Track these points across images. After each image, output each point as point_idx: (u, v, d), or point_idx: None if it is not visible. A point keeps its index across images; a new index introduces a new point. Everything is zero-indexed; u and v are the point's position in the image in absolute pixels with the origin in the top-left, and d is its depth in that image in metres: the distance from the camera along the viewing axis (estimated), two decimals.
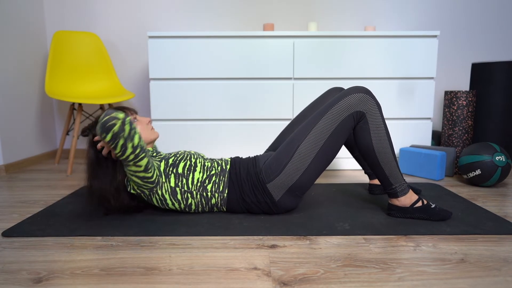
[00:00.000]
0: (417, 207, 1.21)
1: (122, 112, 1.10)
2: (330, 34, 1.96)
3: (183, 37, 1.97)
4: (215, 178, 1.25)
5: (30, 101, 2.29)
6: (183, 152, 1.31)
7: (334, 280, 0.85)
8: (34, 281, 0.85)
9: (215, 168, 1.27)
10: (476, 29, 2.54)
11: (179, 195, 1.23)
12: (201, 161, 1.28)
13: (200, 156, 1.33)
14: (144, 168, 1.14)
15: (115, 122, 1.05)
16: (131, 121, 1.10)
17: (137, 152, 1.10)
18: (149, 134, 1.31)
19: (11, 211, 1.36)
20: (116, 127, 1.05)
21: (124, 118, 1.08)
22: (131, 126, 1.09)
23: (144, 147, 1.13)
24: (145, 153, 1.13)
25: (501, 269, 0.89)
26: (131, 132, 1.08)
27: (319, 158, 1.19)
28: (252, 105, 2.02)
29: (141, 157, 1.11)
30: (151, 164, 1.16)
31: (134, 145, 1.09)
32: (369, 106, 1.17)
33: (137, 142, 1.10)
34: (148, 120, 1.33)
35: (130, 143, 1.08)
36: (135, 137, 1.09)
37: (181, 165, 1.24)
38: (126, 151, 1.08)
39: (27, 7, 2.27)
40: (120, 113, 1.08)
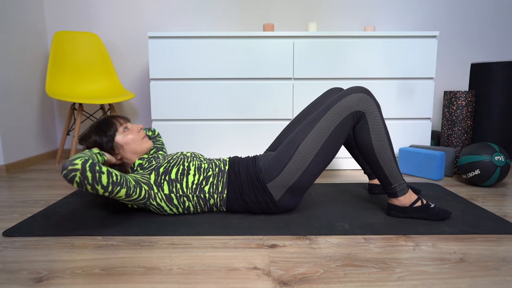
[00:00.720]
0: (416, 207, 1.21)
1: (82, 157, 1.03)
2: (330, 34, 1.97)
3: (183, 37, 1.97)
4: (212, 179, 1.25)
5: (30, 101, 2.29)
6: (177, 156, 1.29)
7: (334, 280, 0.85)
8: (34, 280, 0.86)
9: (212, 169, 1.26)
10: (475, 30, 2.54)
11: (175, 200, 1.23)
12: (196, 163, 1.27)
13: (197, 157, 1.32)
14: (125, 196, 1.11)
15: (74, 173, 1.00)
16: (92, 164, 1.03)
17: (110, 190, 1.06)
18: (140, 143, 1.29)
19: (11, 211, 1.37)
20: (77, 177, 1.00)
21: (84, 165, 1.01)
22: (93, 171, 1.02)
23: (118, 181, 1.07)
24: (121, 186, 1.08)
25: (500, 269, 0.90)
26: (96, 176, 1.02)
27: (319, 157, 1.19)
28: (252, 105, 2.02)
29: (116, 191, 1.07)
30: (134, 188, 1.13)
31: (104, 186, 1.04)
32: (368, 106, 1.17)
33: (106, 182, 1.04)
34: (139, 128, 1.31)
35: (98, 186, 1.03)
36: (102, 178, 1.04)
37: (173, 171, 1.23)
38: (98, 192, 1.05)
39: (28, 8, 2.27)
40: (79, 159, 1.02)
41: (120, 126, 1.28)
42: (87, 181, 1.01)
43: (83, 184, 1.02)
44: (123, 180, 1.10)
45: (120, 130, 1.27)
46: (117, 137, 1.25)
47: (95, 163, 1.04)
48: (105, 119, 1.28)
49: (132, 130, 1.29)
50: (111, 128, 1.25)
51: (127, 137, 1.27)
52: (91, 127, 1.26)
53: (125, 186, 1.10)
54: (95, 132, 1.24)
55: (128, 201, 1.15)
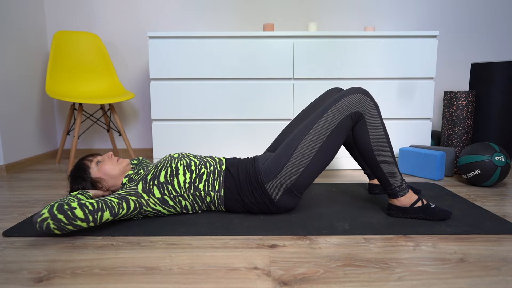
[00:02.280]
0: (417, 207, 1.21)
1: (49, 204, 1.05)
2: (330, 34, 1.97)
3: (183, 37, 1.97)
4: (206, 177, 1.25)
5: (30, 101, 2.29)
6: (164, 159, 1.30)
7: (334, 280, 0.85)
8: (35, 280, 0.86)
9: (205, 167, 1.27)
10: (475, 30, 2.54)
11: (170, 201, 1.23)
12: (184, 162, 1.27)
13: (185, 156, 1.32)
14: (112, 216, 1.11)
15: (46, 222, 1.00)
16: (59, 206, 1.02)
17: (92, 219, 1.05)
18: (117, 166, 1.30)
19: (11, 211, 1.37)
20: (51, 225, 1.00)
21: (51, 211, 1.01)
22: (63, 211, 1.01)
23: (96, 207, 1.07)
24: (101, 211, 1.07)
25: (501, 269, 0.90)
26: (69, 215, 1.02)
27: (318, 158, 1.19)
28: (252, 105, 2.02)
29: (99, 217, 1.07)
30: (118, 206, 1.12)
31: (83, 219, 1.04)
32: (367, 107, 1.18)
33: (83, 215, 1.04)
34: (109, 155, 1.31)
35: (77, 221, 1.03)
36: (77, 213, 1.03)
37: (162, 174, 1.23)
38: (82, 227, 1.05)
39: (28, 8, 2.27)
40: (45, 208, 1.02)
41: (91, 163, 1.29)
42: (63, 223, 1.01)
43: (62, 227, 1.02)
44: (101, 204, 1.09)
45: (93, 166, 1.28)
46: (92, 175, 1.27)
47: (62, 204, 1.03)
48: (76, 165, 1.30)
49: (103, 160, 1.30)
50: (84, 171, 1.27)
51: (102, 168, 1.27)
52: (68, 178, 1.29)
53: (107, 209, 1.09)
54: (73, 181, 1.26)
55: (120, 218, 1.16)
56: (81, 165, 1.29)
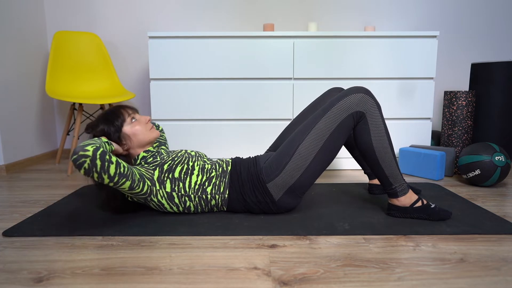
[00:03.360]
0: (416, 207, 1.21)
1: (94, 144, 1.04)
2: (330, 34, 1.97)
3: (183, 37, 1.97)
4: (215, 180, 1.25)
5: (30, 101, 2.29)
6: (182, 153, 1.30)
7: (334, 280, 0.85)
8: (34, 280, 0.86)
9: (215, 170, 1.27)
10: (475, 30, 2.54)
11: (176, 199, 1.23)
12: (200, 164, 1.27)
13: (201, 156, 1.33)
14: (128, 189, 1.11)
15: (84, 159, 1.00)
16: (103, 153, 1.03)
17: (116, 181, 1.06)
18: (148, 134, 1.29)
19: (11, 211, 1.37)
20: (86, 164, 1.00)
21: (95, 153, 1.01)
22: (103, 159, 1.02)
23: (125, 172, 1.08)
24: (126, 178, 1.08)
25: (501, 269, 0.90)
26: (105, 165, 1.03)
27: (319, 157, 1.19)
28: (252, 105, 2.02)
29: (121, 182, 1.08)
30: (138, 182, 1.13)
31: (111, 176, 1.04)
32: (368, 106, 1.17)
33: (113, 173, 1.04)
34: (147, 119, 1.31)
35: (105, 175, 1.03)
36: (111, 168, 1.04)
37: (177, 169, 1.23)
38: (104, 181, 1.05)
39: (28, 8, 2.27)
40: (91, 145, 1.02)
41: (128, 116, 1.27)
42: (95, 169, 1.01)
43: (91, 172, 1.02)
44: (130, 172, 1.10)
45: (128, 120, 1.26)
46: (124, 127, 1.25)
47: (105, 152, 1.04)
48: (113, 109, 1.28)
49: (139, 121, 1.28)
50: (119, 118, 1.25)
51: (134, 127, 1.26)
52: (99, 117, 1.27)
53: (130, 179, 1.10)
54: (103, 121, 1.24)
55: (130, 193, 1.15)
56: (119, 112, 1.26)
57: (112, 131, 1.23)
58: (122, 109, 1.29)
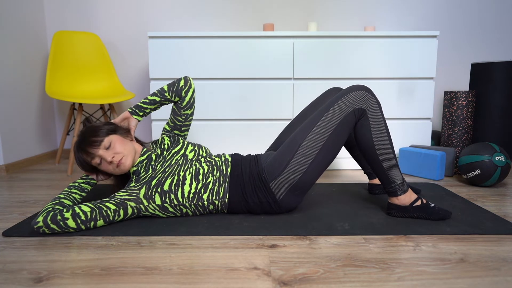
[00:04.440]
0: (416, 206, 1.21)
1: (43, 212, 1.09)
2: (330, 34, 1.96)
3: (183, 37, 1.97)
4: (212, 186, 1.23)
5: (30, 101, 2.29)
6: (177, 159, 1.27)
7: (334, 280, 0.85)
8: (34, 280, 0.86)
9: (212, 175, 1.24)
10: (475, 29, 2.54)
11: (170, 209, 1.22)
12: (193, 171, 1.23)
13: (199, 157, 1.31)
14: (107, 223, 1.16)
15: (42, 229, 1.08)
16: (53, 216, 1.08)
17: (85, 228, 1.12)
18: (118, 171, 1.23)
19: (11, 211, 1.37)
20: (47, 231, 1.08)
21: (45, 220, 1.07)
22: (56, 222, 1.07)
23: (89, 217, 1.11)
24: (94, 220, 1.12)
25: (501, 269, 0.90)
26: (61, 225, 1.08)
27: (322, 155, 1.19)
28: (252, 105, 2.02)
29: (93, 225, 1.13)
30: (114, 213, 1.15)
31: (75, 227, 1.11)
32: (370, 103, 1.18)
33: (75, 225, 1.10)
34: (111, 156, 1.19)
35: (70, 229, 1.10)
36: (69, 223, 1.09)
37: (167, 182, 1.20)
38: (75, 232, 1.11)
39: (28, 8, 2.27)
40: (41, 215, 1.08)
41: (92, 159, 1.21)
42: (56, 231, 1.09)
43: (55, 232, 1.10)
44: (95, 213, 1.12)
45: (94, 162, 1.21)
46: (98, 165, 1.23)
47: (56, 214, 1.08)
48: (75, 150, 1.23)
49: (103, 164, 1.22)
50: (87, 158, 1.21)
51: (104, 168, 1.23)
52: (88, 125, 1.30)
53: (100, 217, 1.13)
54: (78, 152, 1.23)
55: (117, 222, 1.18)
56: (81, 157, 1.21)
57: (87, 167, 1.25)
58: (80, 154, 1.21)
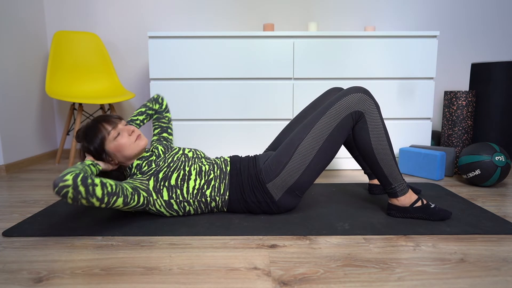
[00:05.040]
0: (416, 207, 1.21)
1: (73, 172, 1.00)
2: (330, 34, 1.96)
3: (183, 37, 1.97)
4: (214, 182, 1.24)
5: (30, 101, 2.29)
6: (179, 156, 1.28)
7: (334, 280, 0.85)
8: (34, 280, 0.86)
9: (213, 172, 1.25)
10: (475, 29, 2.54)
11: (175, 205, 1.22)
12: (197, 167, 1.24)
13: (198, 157, 1.32)
14: (123, 205, 1.09)
15: (66, 190, 0.97)
16: (84, 178, 0.99)
17: (106, 201, 1.04)
18: (133, 147, 1.22)
19: (11, 211, 1.37)
20: (70, 193, 0.97)
21: (75, 180, 0.98)
22: (86, 185, 0.99)
23: (113, 191, 1.05)
24: (117, 195, 1.06)
25: (501, 269, 0.90)
26: (89, 189, 0.99)
27: (319, 157, 1.19)
28: (252, 105, 2.02)
29: (113, 201, 1.05)
30: (131, 196, 1.11)
31: (99, 198, 1.02)
32: (367, 106, 1.17)
33: (101, 194, 1.02)
34: (130, 131, 1.23)
35: (93, 199, 1.01)
36: (96, 191, 1.01)
37: (174, 176, 1.20)
38: (94, 205, 1.03)
39: (27, 8, 2.27)
40: (70, 174, 0.99)
41: (108, 133, 1.19)
42: (81, 196, 0.99)
43: (77, 199, 0.99)
44: (119, 189, 1.07)
45: (110, 137, 1.19)
46: (107, 145, 1.19)
47: (86, 177, 1.01)
48: (92, 126, 1.20)
49: (122, 135, 1.20)
50: (98, 136, 1.19)
51: (118, 143, 1.19)
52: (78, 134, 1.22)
53: (122, 195, 1.07)
54: (85, 139, 1.20)
55: (127, 208, 1.13)
56: (98, 130, 1.19)
57: (93, 150, 1.19)
58: (101, 126, 1.20)
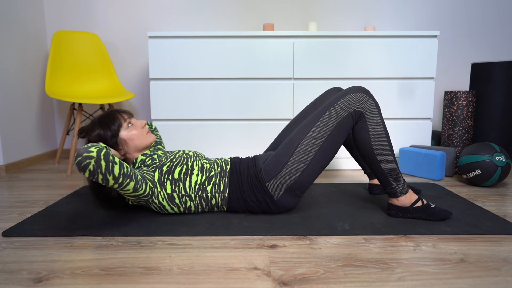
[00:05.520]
0: (417, 207, 1.21)
1: (97, 146, 1.03)
2: (330, 34, 1.96)
3: (183, 37, 1.97)
4: (215, 179, 1.25)
5: (30, 101, 2.29)
6: (180, 154, 1.30)
7: (334, 280, 0.85)
8: (34, 281, 0.85)
9: (214, 169, 1.27)
10: (476, 29, 2.54)
11: (177, 199, 1.23)
12: (199, 163, 1.27)
13: (199, 157, 1.33)
14: (132, 190, 1.11)
15: (89, 161, 1.00)
16: (106, 153, 1.03)
17: (120, 181, 1.06)
18: (144, 139, 1.29)
19: (11, 211, 1.37)
20: (91, 165, 1.00)
21: (99, 153, 1.01)
22: (107, 160, 1.03)
23: (128, 173, 1.08)
24: (130, 178, 1.09)
25: (501, 269, 0.90)
26: (109, 166, 1.03)
27: (318, 157, 1.19)
28: (252, 105, 2.02)
29: (126, 183, 1.08)
30: (140, 183, 1.14)
31: (115, 177, 1.05)
32: (367, 106, 1.17)
33: (118, 173, 1.05)
34: (143, 124, 1.31)
35: (110, 176, 1.04)
36: (115, 169, 1.04)
37: (177, 170, 1.23)
38: (108, 183, 1.05)
39: (27, 8, 2.27)
40: (94, 147, 1.02)
41: (124, 121, 1.28)
42: (100, 170, 1.02)
43: (96, 173, 1.02)
44: (133, 173, 1.11)
45: (124, 125, 1.27)
46: (121, 132, 1.26)
47: (109, 153, 1.05)
48: (109, 113, 1.28)
49: (136, 125, 1.29)
50: (115, 123, 1.25)
51: (131, 132, 1.27)
52: (93, 121, 1.26)
53: (134, 180, 1.11)
54: (99, 126, 1.24)
55: (134, 196, 1.14)
56: (115, 117, 1.26)
57: (108, 136, 1.23)
58: (118, 114, 1.28)
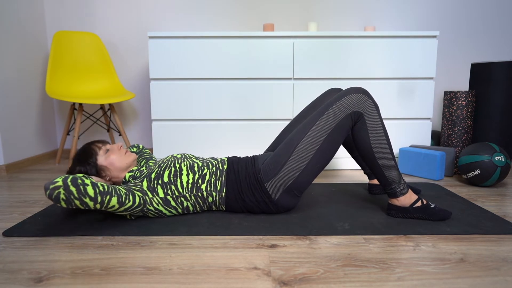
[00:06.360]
0: (416, 207, 1.21)
1: (63, 176, 1.04)
2: (330, 34, 1.96)
3: (183, 37, 1.97)
4: (209, 177, 1.25)
5: (30, 101, 2.29)
6: (168, 158, 1.30)
7: (334, 280, 0.85)
8: (34, 280, 0.86)
9: (208, 168, 1.27)
10: (475, 29, 2.54)
11: (172, 202, 1.23)
12: (188, 163, 1.27)
13: (187, 158, 1.33)
14: (118, 205, 1.11)
15: (58, 191, 1.00)
16: (74, 179, 1.03)
17: (100, 201, 1.06)
18: (124, 159, 1.30)
19: (11, 211, 1.37)
20: (62, 195, 1.01)
21: (65, 181, 1.01)
22: (76, 184, 1.02)
23: (105, 190, 1.07)
24: (110, 194, 1.08)
25: (501, 269, 0.90)
26: (80, 189, 1.02)
27: (317, 157, 1.19)
28: (252, 105, 2.02)
29: (106, 200, 1.07)
30: (125, 196, 1.13)
31: (92, 197, 1.04)
32: (366, 107, 1.18)
33: (93, 193, 1.04)
34: (119, 146, 1.32)
35: (86, 199, 1.03)
36: (88, 190, 1.03)
37: (165, 173, 1.23)
38: (89, 206, 1.05)
39: (28, 8, 2.27)
40: (60, 177, 1.03)
41: (99, 150, 1.29)
42: (73, 196, 1.01)
43: (70, 200, 1.02)
44: (111, 189, 1.10)
45: (101, 153, 1.28)
46: (99, 161, 1.27)
47: (76, 178, 1.04)
48: (84, 148, 1.30)
49: (112, 150, 1.30)
50: (91, 155, 1.27)
51: (109, 158, 1.28)
52: (73, 159, 1.29)
53: (115, 194, 1.10)
54: (78, 163, 1.26)
55: (124, 210, 1.14)
56: (89, 149, 1.28)
57: (88, 168, 1.25)
58: (92, 146, 1.30)
